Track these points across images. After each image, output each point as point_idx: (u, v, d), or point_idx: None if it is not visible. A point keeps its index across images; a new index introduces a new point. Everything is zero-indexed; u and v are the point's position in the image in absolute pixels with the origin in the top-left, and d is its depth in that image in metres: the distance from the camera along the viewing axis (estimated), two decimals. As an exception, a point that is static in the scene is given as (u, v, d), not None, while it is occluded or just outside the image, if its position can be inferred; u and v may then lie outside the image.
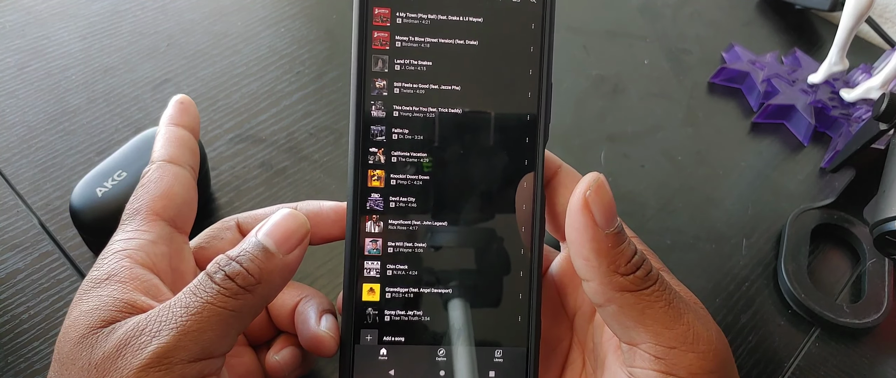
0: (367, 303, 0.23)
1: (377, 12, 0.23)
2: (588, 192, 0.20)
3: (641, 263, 0.21)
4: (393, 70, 0.23)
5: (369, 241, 0.23)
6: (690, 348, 0.20)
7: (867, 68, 0.50)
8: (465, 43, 0.23)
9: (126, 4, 0.50)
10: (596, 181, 0.20)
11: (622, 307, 0.20)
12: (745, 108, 0.50)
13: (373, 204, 0.23)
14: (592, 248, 0.20)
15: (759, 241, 0.41)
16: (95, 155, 0.39)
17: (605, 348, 0.23)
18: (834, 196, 0.42)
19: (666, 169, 0.44)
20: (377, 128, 0.23)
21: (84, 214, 0.32)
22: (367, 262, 0.23)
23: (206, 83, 0.45)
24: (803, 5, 0.58)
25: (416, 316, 0.23)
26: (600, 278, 0.20)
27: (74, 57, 0.45)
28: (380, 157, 0.23)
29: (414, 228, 0.23)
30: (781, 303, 0.38)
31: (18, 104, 0.42)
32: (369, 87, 0.23)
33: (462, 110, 0.23)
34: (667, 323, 0.20)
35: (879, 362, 0.36)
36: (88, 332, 0.21)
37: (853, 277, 0.40)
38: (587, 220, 0.20)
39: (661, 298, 0.20)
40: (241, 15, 0.50)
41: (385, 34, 0.23)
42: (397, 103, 0.23)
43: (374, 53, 0.23)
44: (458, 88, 0.23)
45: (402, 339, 0.23)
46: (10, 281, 0.33)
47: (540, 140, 0.24)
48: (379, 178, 0.23)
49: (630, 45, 0.54)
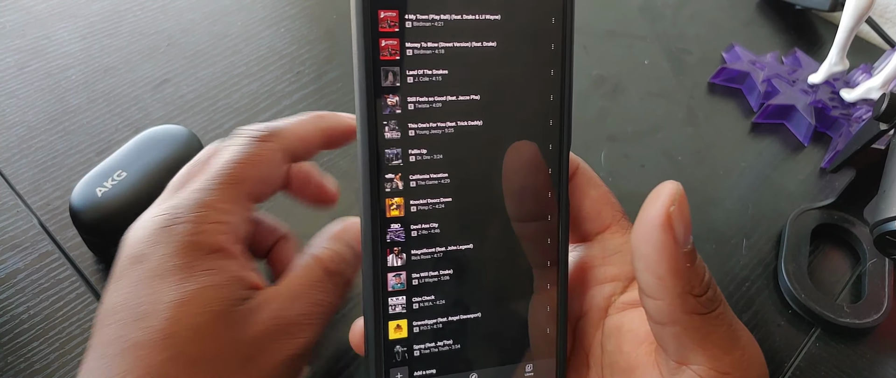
0: (394, 341, 0.21)
1: (383, 16, 0.20)
2: (672, 207, 0.18)
3: (710, 284, 0.19)
4: (405, 83, 0.20)
5: (393, 276, 0.21)
6: (743, 375, 0.20)
7: (867, 68, 0.50)
8: (483, 45, 0.21)
9: (126, 4, 0.50)
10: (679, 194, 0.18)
11: (687, 329, 0.19)
12: (746, 108, 0.50)
13: (393, 235, 0.21)
14: (669, 268, 0.18)
15: (760, 241, 0.41)
16: (95, 155, 0.39)
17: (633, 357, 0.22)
18: (834, 196, 0.42)
19: (666, 169, 0.44)
20: (392, 151, 0.20)
21: (84, 214, 0.32)
22: (392, 298, 0.21)
23: (206, 83, 0.45)
24: (803, 5, 0.58)
25: (446, 345, 0.22)
26: (672, 299, 0.19)
27: (74, 57, 0.45)
28: (397, 183, 0.21)
29: (438, 255, 0.21)
30: (782, 303, 0.38)
31: (18, 104, 0.42)
32: (380, 106, 0.20)
33: (482, 122, 0.21)
34: (726, 347, 0.20)
35: (880, 362, 0.36)
36: (227, 307, 0.23)
37: (853, 277, 0.40)
38: (668, 239, 0.18)
39: (725, 322, 0.20)
40: (241, 15, 0.50)
41: (394, 42, 0.20)
42: (412, 121, 0.20)
43: (383, 65, 0.20)
44: (478, 98, 0.21)
45: (433, 371, 0.22)
46: (9, 281, 0.33)
47: (564, 146, 0.22)
48: (398, 206, 0.21)
49: (630, 45, 0.54)
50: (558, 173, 0.22)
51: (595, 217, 0.24)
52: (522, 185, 0.22)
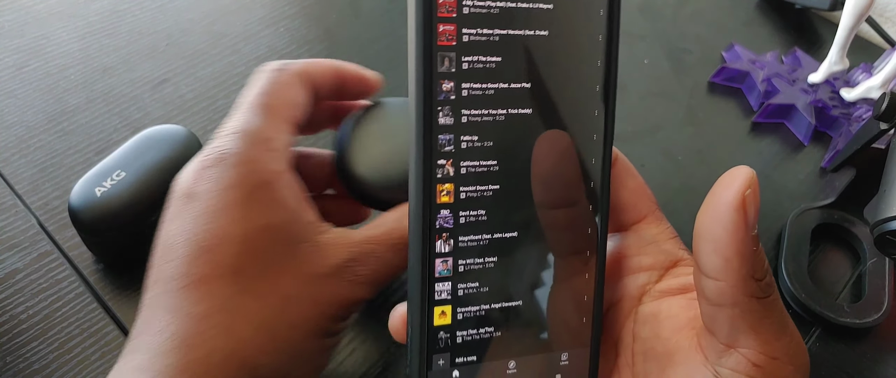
0: (438, 327, 0.21)
1: (442, 1, 0.20)
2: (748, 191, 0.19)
3: (769, 271, 0.20)
4: (460, 69, 0.20)
5: (440, 261, 0.21)
6: (791, 361, 0.20)
7: (867, 68, 0.50)
8: (535, 33, 0.21)
9: (125, 4, 0.50)
10: (754, 180, 0.19)
11: (744, 312, 0.19)
12: (746, 107, 0.50)
13: (443, 221, 0.21)
14: (737, 250, 0.19)
15: (760, 240, 0.41)
16: (94, 155, 0.39)
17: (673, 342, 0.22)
18: (834, 196, 0.42)
19: (666, 169, 0.44)
20: (445, 137, 0.21)
21: (83, 214, 0.32)
22: (438, 284, 0.21)
23: (205, 83, 0.45)
24: (803, 5, 0.58)
25: (487, 333, 0.22)
26: (735, 281, 0.19)
27: (73, 56, 0.45)
28: (448, 169, 0.21)
29: (484, 242, 0.22)
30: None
31: (17, 104, 0.42)
32: (436, 91, 0.20)
33: (531, 110, 0.21)
34: (777, 333, 0.20)
35: (880, 362, 0.36)
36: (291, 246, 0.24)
37: (853, 277, 0.40)
38: (740, 221, 0.19)
39: (777, 308, 0.20)
40: (241, 15, 0.50)
41: (451, 27, 0.20)
42: (466, 107, 0.21)
43: (440, 50, 0.20)
44: (528, 86, 0.21)
45: (474, 358, 0.22)
46: (8, 281, 0.33)
47: (608, 137, 0.22)
48: (448, 192, 0.21)
49: (630, 44, 0.54)
50: (601, 163, 0.22)
51: (632, 207, 0.24)
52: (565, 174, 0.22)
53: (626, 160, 0.25)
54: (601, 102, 0.22)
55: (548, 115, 0.22)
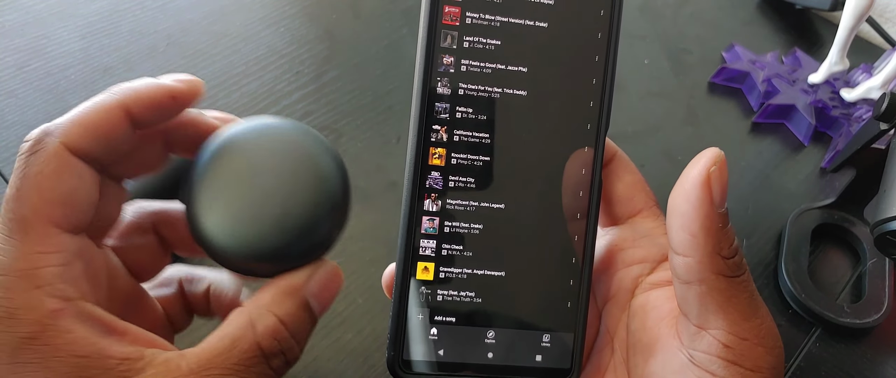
0: (420, 281, 0.23)
1: None
2: (713, 167, 0.20)
3: (738, 250, 0.20)
4: (461, 46, 0.23)
5: (427, 219, 0.23)
6: (761, 342, 0.20)
7: (867, 68, 0.50)
8: (535, 24, 0.23)
9: (125, 4, 0.50)
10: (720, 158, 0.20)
11: (711, 290, 0.20)
12: (746, 107, 0.50)
13: (432, 182, 0.23)
14: (703, 225, 0.20)
15: (760, 241, 0.41)
16: (94, 154, 0.39)
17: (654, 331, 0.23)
18: (834, 196, 0.42)
19: (666, 169, 0.44)
20: (442, 105, 0.23)
21: (83, 214, 0.32)
22: (424, 240, 0.23)
23: (205, 83, 0.45)
24: (804, 5, 0.58)
25: (468, 297, 0.23)
26: (701, 257, 0.20)
27: (74, 56, 0.45)
28: (442, 134, 0.23)
29: (471, 209, 0.23)
30: (782, 303, 0.38)
31: (18, 104, 0.42)
32: (437, 63, 0.23)
33: (527, 93, 0.23)
34: (746, 314, 0.20)
35: (880, 362, 0.36)
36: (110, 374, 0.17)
37: (853, 277, 0.40)
38: (705, 196, 0.19)
39: (747, 289, 0.20)
40: (241, 14, 0.50)
41: (456, 9, 0.23)
42: (463, 81, 0.23)
43: (444, 28, 0.23)
44: (525, 70, 0.23)
45: (453, 319, 0.23)
46: (8, 281, 0.33)
47: (602, 129, 0.24)
48: (440, 156, 0.23)
49: (630, 44, 0.54)
50: (594, 151, 0.24)
51: (627, 201, 0.25)
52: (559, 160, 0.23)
53: (625, 156, 0.25)
54: (598, 95, 0.23)
55: (542, 99, 0.23)
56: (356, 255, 0.36)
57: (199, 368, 0.18)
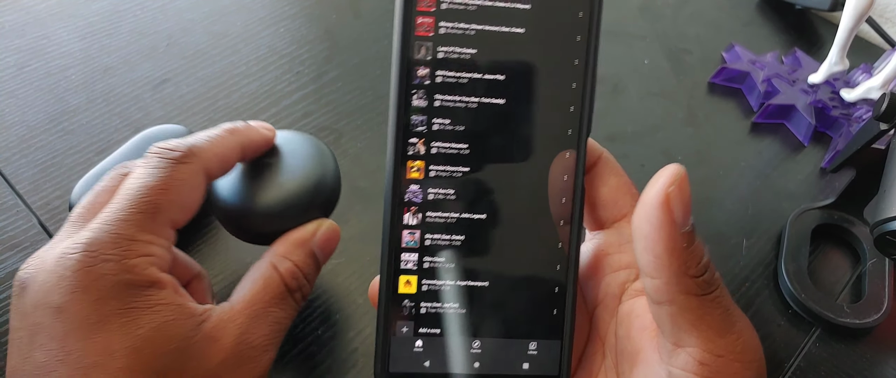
0: (403, 295, 0.23)
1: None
2: (671, 187, 0.19)
3: (708, 267, 0.20)
4: (436, 58, 0.22)
5: (407, 233, 0.23)
6: (737, 358, 0.20)
7: (867, 68, 0.50)
8: (511, 30, 0.22)
9: (125, 4, 0.50)
10: (679, 176, 0.19)
11: (682, 309, 0.20)
12: (745, 107, 0.50)
13: (411, 196, 0.23)
14: (666, 247, 0.19)
15: (760, 241, 0.41)
16: (95, 155, 0.39)
17: (638, 341, 0.22)
18: (834, 196, 0.42)
19: (666, 169, 0.44)
20: (418, 118, 0.22)
21: (83, 214, 0.32)
22: (405, 254, 0.23)
23: (205, 83, 0.45)
24: (803, 5, 0.58)
25: (452, 308, 0.23)
26: (668, 277, 0.19)
27: (74, 57, 0.45)
28: (420, 148, 0.22)
29: (452, 221, 0.23)
30: (782, 303, 0.38)
31: (18, 104, 0.42)
32: (412, 76, 0.22)
33: (505, 101, 0.23)
34: (720, 330, 0.20)
35: (880, 362, 0.36)
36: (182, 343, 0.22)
37: (853, 277, 0.40)
38: (665, 217, 0.19)
39: (721, 305, 0.20)
40: (241, 15, 0.50)
41: (429, 20, 0.22)
42: (439, 92, 0.22)
43: (418, 40, 0.22)
44: (502, 78, 0.23)
45: (437, 331, 0.23)
46: (9, 281, 0.33)
47: (583, 133, 0.23)
48: (418, 169, 0.23)
49: (630, 45, 0.54)
50: (576, 157, 0.23)
51: (612, 204, 0.24)
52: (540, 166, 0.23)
53: (611, 159, 0.24)
54: (578, 99, 0.23)
55: (521, 106, 0.23)
56: (356, 256, 0.37)
57: (246, 307, 0.25)
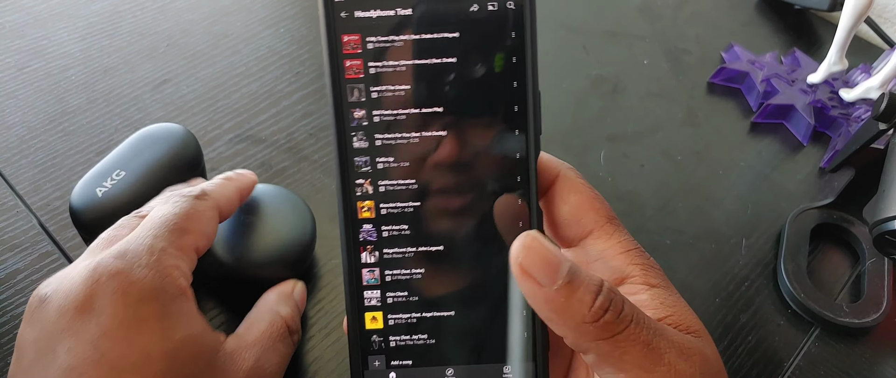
0: (371, 331, 0.23)
1: (346, 40, 0.22)
2: (519, 258, 0.19)
3: (609, 304, 0.19)
4: (370, 98, 0.22)
5: (367, 271, 0.23)
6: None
7: (866, 68, 0.50)
8: (443, 61, 0.22)
9: (125, 5, 0.50)
10: (523, 244, 0.20)
11: (599, 355, 0.20)
12: (745, 108, 0.50)
13: (366, 235, 0.23)
14: (549, 309, 0.19)
15: (759, 240, 0.41)
16: (95, 155, 0.39)
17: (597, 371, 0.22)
18: (833, 196, 0.42)
19: (666, 169, 0.44)
20: (361, 159, 0.23)
21: (84, 214, 0.32)
22: (367, 291, 0.23)
23: (205, 83, 0.45)
24: (802, 5, 0.58)
25: (421, 339, 0.23)
26: (570, 332, 0.20)
27: (74, 57, 0.45)
28: (367, 188, 0.23)
29: (410, 255, 0.23)
30: (781, 302, 0.38)
31: (18, 104, 0.42)
32: (348, 119, 0.22)
33: (447, 133, 0.23)
34: (646, 366, 0.19)
35: (879, 362, 0.36)
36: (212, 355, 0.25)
37: (853, 277, 0.40)
38: (531, 285, 0.19)
39: (639, 341, 0.19)
40: (241, 15, 0.50)
41: (358, 62, 0.22)
42: (378, 132, 0.22)
43: (349, 83, 0.22)
44: (441, 110, 0.22)
45: (409, 362, 0.23)
46: (9, 281, 0.33)
47: (531, 154, 0.23)
48: (369, 208, 0.23)
49: (630, 45, 0.54)
50: (527, 181, 0.23)
51: (575, 223, 0.23)
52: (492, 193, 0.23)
53: (571, 175, 0.24)
54: (521, 121, 0.23)
55: (464, 135, 0.23)
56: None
57: (259, 340, 0.27)
